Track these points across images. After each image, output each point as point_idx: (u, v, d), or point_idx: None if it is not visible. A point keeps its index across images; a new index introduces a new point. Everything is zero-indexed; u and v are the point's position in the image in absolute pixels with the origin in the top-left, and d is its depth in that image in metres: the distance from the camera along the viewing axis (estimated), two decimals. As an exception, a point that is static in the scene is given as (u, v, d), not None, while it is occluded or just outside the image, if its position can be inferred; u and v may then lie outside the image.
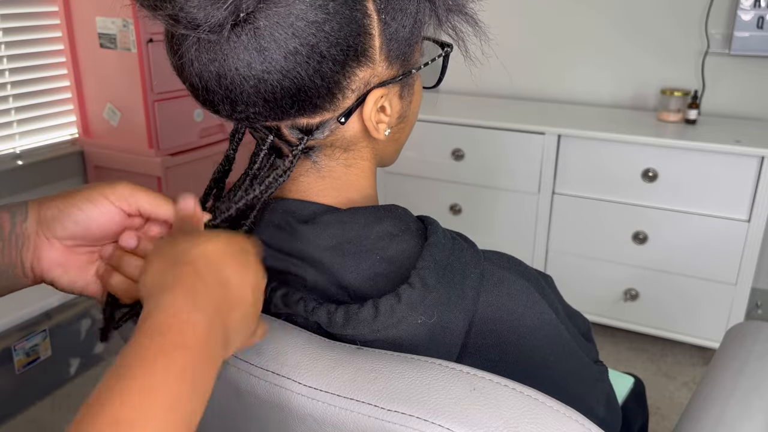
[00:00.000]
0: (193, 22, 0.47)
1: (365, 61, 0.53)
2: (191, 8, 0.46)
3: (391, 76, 0.56)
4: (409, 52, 0.56)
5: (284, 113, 0.53)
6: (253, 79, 0.50)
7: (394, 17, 0.53)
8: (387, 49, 0.54)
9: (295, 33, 0.48)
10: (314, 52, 0.49)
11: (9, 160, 1.96)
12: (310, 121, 0.55)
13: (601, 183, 1.96)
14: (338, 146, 0.58)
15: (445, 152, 2.16)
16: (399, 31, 0.54)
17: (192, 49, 0.50)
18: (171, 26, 0.48)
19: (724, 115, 2.16)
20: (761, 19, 1.98)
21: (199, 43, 0.50)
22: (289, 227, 0.57)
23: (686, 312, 1.97)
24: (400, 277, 0.54)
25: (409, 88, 0.60)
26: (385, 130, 0.57)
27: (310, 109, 0.53)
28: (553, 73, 2.38)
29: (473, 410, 0.44)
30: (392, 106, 0.57)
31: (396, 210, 0.58)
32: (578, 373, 0.62)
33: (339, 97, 0.53)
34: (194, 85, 0.53)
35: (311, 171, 0.59)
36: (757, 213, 1.78)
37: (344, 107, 0.54)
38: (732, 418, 0.66)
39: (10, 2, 1.89)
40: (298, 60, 0.49)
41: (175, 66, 0.54)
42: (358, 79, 0.53)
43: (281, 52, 0.49)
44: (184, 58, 0.51)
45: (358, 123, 0.57)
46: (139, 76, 1.94)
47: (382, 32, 0.53)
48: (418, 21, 0.56)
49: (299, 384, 0.50)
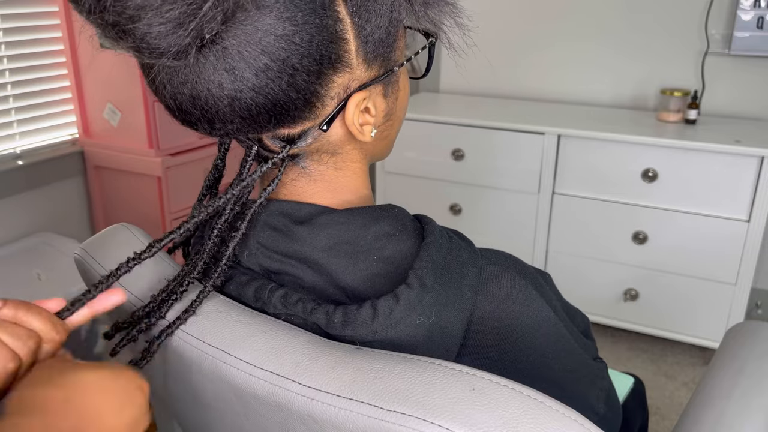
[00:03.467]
0: (155, 52, 0.46)
1: (342, 67, 0.52)
2: (152, 39, 0.45)
3: (371, 77, 0.55)
4: (388, 51, 0.56)
5: (263, 127, 0.53)
6: (227, 99, 0.50)
7: (368, 19, 0.52)
8: (364, 52, 0.53)
9: (264, 49, 0.47)
10: (286, 65, 0.48)
11: (9, 160, 1.96)
12: (291, 131, 0.54)
13: (601, 183, 1.96)
14: (325, 151, 0.58)
15: (445, 152, 2.16)
16: (374, 32, 0.53)
17: (162, 73, 0.50)
18: (136, 56, 0.47)
19: (724, 115, 2.16)
20: (761, 19, 1.98)
21: (168, 67, 0.49)
22: (285, 228, 0.57)
23: (686, 312, 1.97)
24: (397, 277, 0.54)
25: (393, 85, 0.59)
26: (372, 131, 0.57)
27: (289, 120, 0.53)
28: (553, 73, 2.38)
29: (473, 410, 0.44)
30: (377, 106, 0.57)
31: (392, 210, 0.58)
32: (578, 370, 0.62)
33: (318, 105, 0.53)
34: (170, 107, 0.53)
35: (302, 176, 0.59)
36: (757, 213, 1.78)
37: (325, 114, 0.54)
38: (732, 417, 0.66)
39: (10, 2, 1.89)
40: (269, 76, 0.49)
41: (150, 88, 0.53)
42: (336, 85, 0.52)
43: (251, 70, 0.48)
44: (156, 82, 0.51)
45: (341, 128, 0.56)
46: (139, 76, 1.93)
47: (356, 35, 0.52)
48: (394, 20, 0.55)
49: (299, 384, 0.50)
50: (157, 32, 0.44)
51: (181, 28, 0.45)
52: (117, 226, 0.71)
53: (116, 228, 0.71)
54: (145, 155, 2.02)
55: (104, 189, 2.18)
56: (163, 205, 2.07)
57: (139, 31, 0.44)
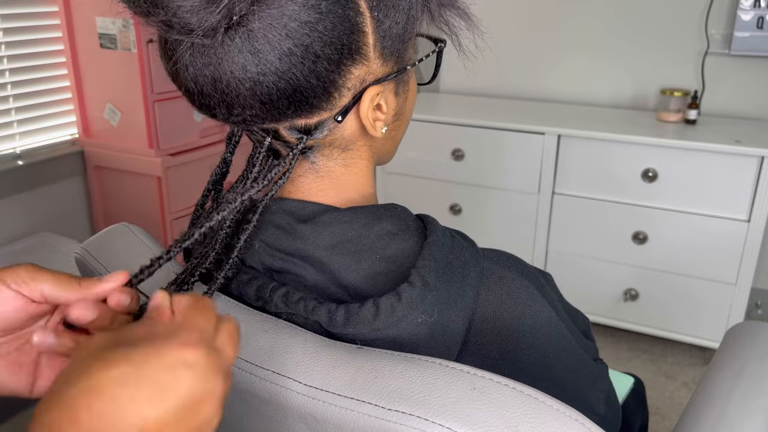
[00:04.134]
0: (186, 27, 0.46)
1: (360, 59, 0.53)
2: (184, 13, 0.46)
3: (385, 73, 0.56)
4: (403, 49, 0.57)
5: (281, 114, 0.53)
6: (249, 82, 0.50)
7: (387, 14, 0.53)
8: (381, 47, 0.54)
9: (288, 34, 0.48)
10: (309, 52, 0.49)
11: (9, 160, 1.96)
12: (308, 122, 0.55)
13: (601, 183, 1.96)
14: (336, 146, 0.58)
15: (445, 152, 2.16)
16: (392, 27, 0.54)
17: (186, 54, 0.50)
18: (164, 32, 0.48)
19: (724, 115, 2.16)
20: (761, 19, 1.98)
21: (193, 47, 0.50)
22: (288, 227, 0.57)
23: (686, 312, 1.97)
24: (400, 276, 0.54)
25: (404, 85, 0.60)
26: (382, 128, 0.58)
27: (307, 109, 0.53)
28: (553, 73, 2.38)
29: (473, 409, 0.44)
30: (388, 103, 0.58)
31: (395, 209, 0.58)
32: (578, 370, 0.62)
33: (335, 95, 0.53)
34: (190, 90, 0.53)
35: (309, 172, 0.59)
36: (757, 213, 1.78)
37: (341, 106, 0.54)
38: (732, 418, 0.66)
39: (10, 2, 1.89)
40: (293, 61, 0.49)
41: (169, 71, 0.53)
42: (354, 77, 0.53)
43: (276, 54, 0.49)
44: (178, 64, 0.51)
45: (355, 121, 0.57)
46: (139, 76, 1.94)
47: (375, 29, 0.53)
48: (411, 17, 0.56)
49: (300, 383, 0.50)
50: (190, 6, 0.46)
51: (213, 5, 0.46)
52: (118, 226, 0.71)
53: (117, 227, 0.71)
54: (145, 155, 2.02)
55: (104, 189, 2.18)
56: (163, 205, 2.07)
57: (173, 4, 0.45)
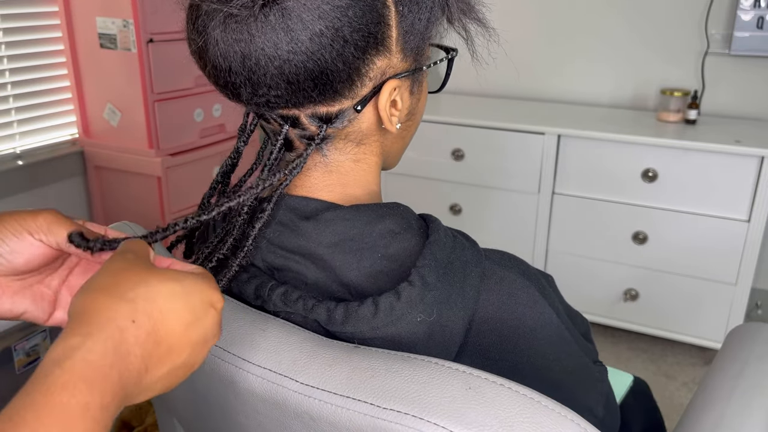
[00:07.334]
0: None
1: (383, 50, 0.54)
2: None
3: (405, 68, 0.57)
4: (422, 47, 0.58)
5: (305, 98, 0.54)
6: (279, 60, 0.51)
7: (411, 9, 0.55)
8: (403, 41, 0.55)
9: (321, 15, 0.50)
10: (338, 35, 0.51)
11: (9, 160, 1.96)
12: (330, 110, 0.56)
13: (601, 183, 1.96)
14: (351, 139, 0.59)
15: (445, 152, 2.16)
16: (415, 24, 0.56)
17: (218, 29, 0.51)
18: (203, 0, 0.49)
19: (724, 115, 2.15)
20: (761, 19, 1.98)
21: (226, 22, 0.51)
22: (291, 224, 0.57)
23: (686, 312, 1.97)
24: (401, 274, 0.54)
25: (419, 85, 0.61)
26: (397, 124, 0.59)
27: (330, 95, 0.54)
28: (553, 73, 2.38)
29: (469, 409, 0.44)
30: (403, 100, 0.59)
31: (398, 208, 0.58)
32: (578, 373, 0.62)
33: (357, 84, 0.54)
34: (217, 66, 0.53)
35: (319, 165, 0.60)
36: (757, 213, 1.78)
37: (361, 95, 0.56)
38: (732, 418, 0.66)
39: (10, 2, 1.89)
40: (323, 42, 0.50)
41: (197, 50, 0.54)
42: (376, 67, 0.55)
43: (307, 34, 0.50)
44: (209, 39, 0.52)
45: (372, 114, 0.58)
46: (139, 76, 1.94)
47: (399, 24, 0.54)
48: (434, 16, 0.58)
49: (296, 382, 0.50)
50: None
51: None
52: (119, 225, 0.71)
53: (118, 226, 0.71)
54: (145, 155, 2.03)
55: (104, 189, 2.19)
56: (163, 205, 2.07)
57: None
